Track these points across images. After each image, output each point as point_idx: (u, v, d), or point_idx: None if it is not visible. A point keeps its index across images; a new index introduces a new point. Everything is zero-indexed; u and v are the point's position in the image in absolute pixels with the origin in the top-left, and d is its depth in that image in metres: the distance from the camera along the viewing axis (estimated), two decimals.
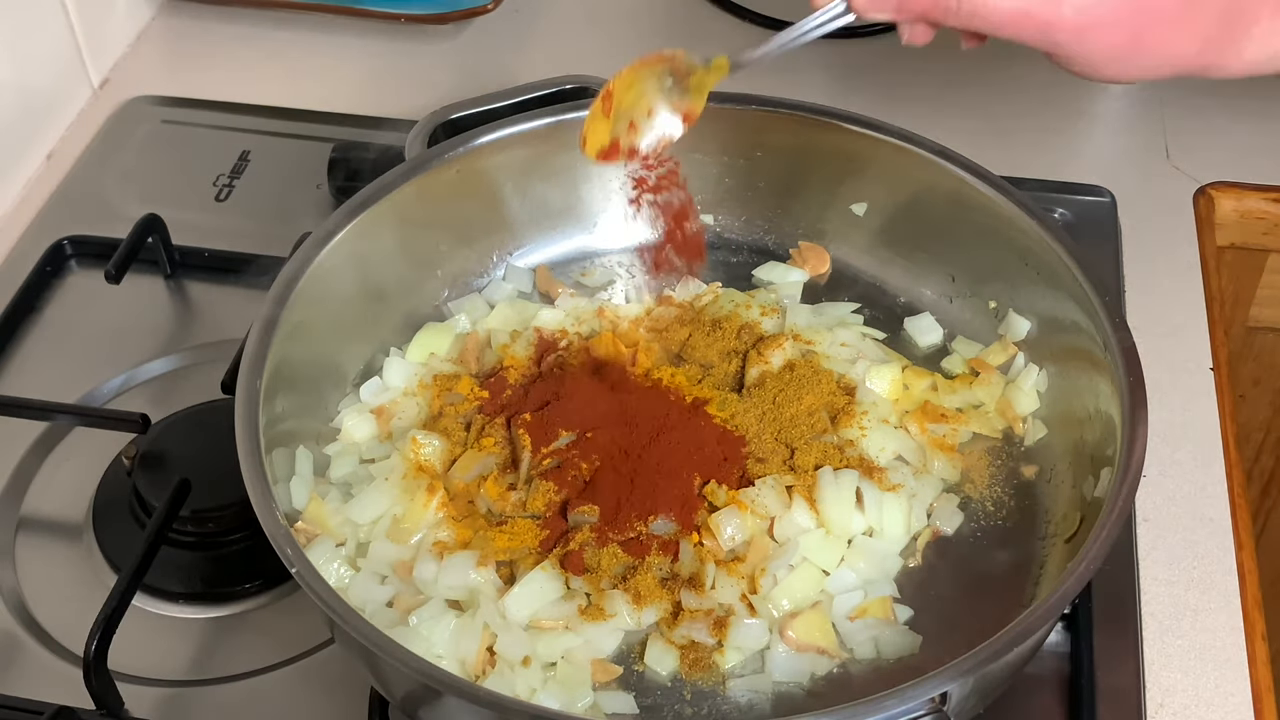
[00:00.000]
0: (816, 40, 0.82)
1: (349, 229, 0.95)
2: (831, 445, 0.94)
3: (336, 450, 0.95)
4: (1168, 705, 0.88)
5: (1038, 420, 0.97)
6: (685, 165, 1.06)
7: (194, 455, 0.96)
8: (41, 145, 1.27)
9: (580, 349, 1.01)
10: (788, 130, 1.04)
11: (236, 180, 1.23)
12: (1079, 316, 0.92)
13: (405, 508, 0.91)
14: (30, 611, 0.93)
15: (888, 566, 0.90)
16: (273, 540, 0.79)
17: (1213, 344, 1.09)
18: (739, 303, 1.04)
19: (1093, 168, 1.23)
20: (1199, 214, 1.19)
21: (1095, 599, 0.90)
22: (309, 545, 0.88)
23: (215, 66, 1.36)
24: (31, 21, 1.24)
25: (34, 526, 0.98)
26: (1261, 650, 0.91)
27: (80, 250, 1.15)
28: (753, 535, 0.90)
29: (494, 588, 0.87)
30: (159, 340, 1.10)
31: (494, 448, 0.94)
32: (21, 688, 0.87)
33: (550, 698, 0.83)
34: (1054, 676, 0.88)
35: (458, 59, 1.36)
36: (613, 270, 1.09)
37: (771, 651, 0.86)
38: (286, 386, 0.90)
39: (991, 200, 0.97)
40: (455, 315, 1.04)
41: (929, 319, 1.04)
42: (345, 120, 1.27)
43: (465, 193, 1.03)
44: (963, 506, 0.93)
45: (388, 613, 0.86)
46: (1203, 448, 1.02)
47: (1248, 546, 0.97)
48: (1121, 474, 0.81)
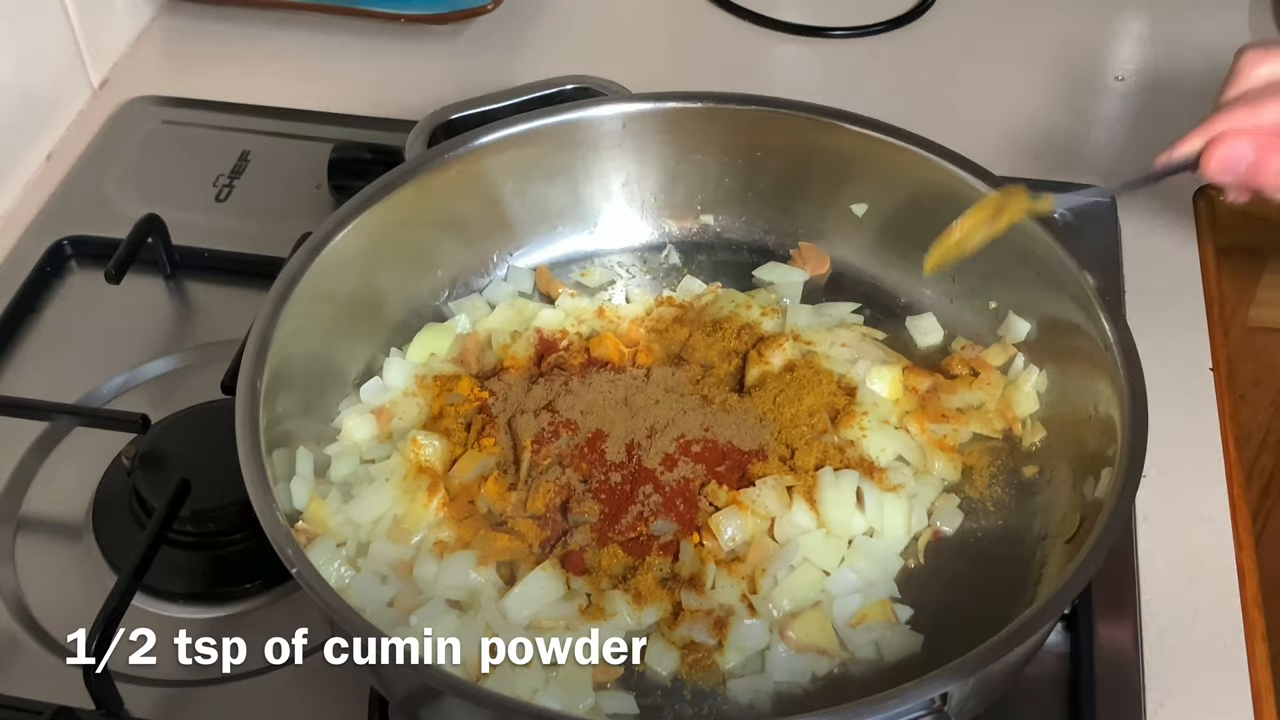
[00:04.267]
0: (817, 40, 0.82)
1: (349, 229, 0.95)
2: (832, 445, 0.94)
3: (337, 450, 0.95)
4: (1168, 705, 0.88)
5: (1038, 421, 0.97)
6: (685, 165, 1.07)
7: (194, 455, 0.96)
8: (41, 145, 1.27)
9: (580, 349, 1.01)
10: (788, 130, 1.04)
11: (236, 180, 1.23)
12: (1079, 317, 0.92)
13: (406, 508, 0.91)
14: (30, 611, 0.93)
15: (888, 567, 0.90)
16: (273, 540, 0.79)
17: (1213, 344, 1.09)
18: (739, 303, 1.04)
19: (1093, 168, 1.23)
20: (1199, 214, 1.19)
21: (1095, 599, 0.90)
22: (309, 545, 0.88)
23: (215, 66, 1.36)
24: (31, 22, 1.24)
25: (34, 526, 0.98)
26: (1261, 650, 0.91)
27: (80, 250, 1.15)
28: (753, 535, 0.90)
29: (494, 588, 0.87)
30: (159, 340, 1.10)
31: (494, 448, 0.94)
32: (21, 688, 0.87)
33: (551, 698, 0.83)
34: (1054, 676, 0.88)
35: (458, 59, 1.36)
36: (613, 270, 1.09)
37: (772, 652, 0.86)
38: (286, 386, 0.90)
39: None
40: (455, 315, 1.04)
41: (929, 319, 1.04)
42: (345, 120, 1.27)
43: (465, 193, 1.03)
44: (963, 507, 0.93)
45: (388, 613, 0.86)
46: (1203, 447, 1.02)
47: (1248, 546, 0.97)
48: (1121, 474, 0.81)
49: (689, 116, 1.05)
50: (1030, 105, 1.30)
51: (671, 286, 1.08)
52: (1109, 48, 1.39)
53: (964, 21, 1.40)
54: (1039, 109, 1.30)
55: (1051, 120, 1.29)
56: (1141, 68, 1.35)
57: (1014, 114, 1.30)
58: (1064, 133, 1.29)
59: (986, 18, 1.41)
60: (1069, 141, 1.28)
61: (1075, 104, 1.32)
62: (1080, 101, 1.32)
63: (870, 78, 1.33)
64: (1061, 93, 1.32)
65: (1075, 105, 1.32)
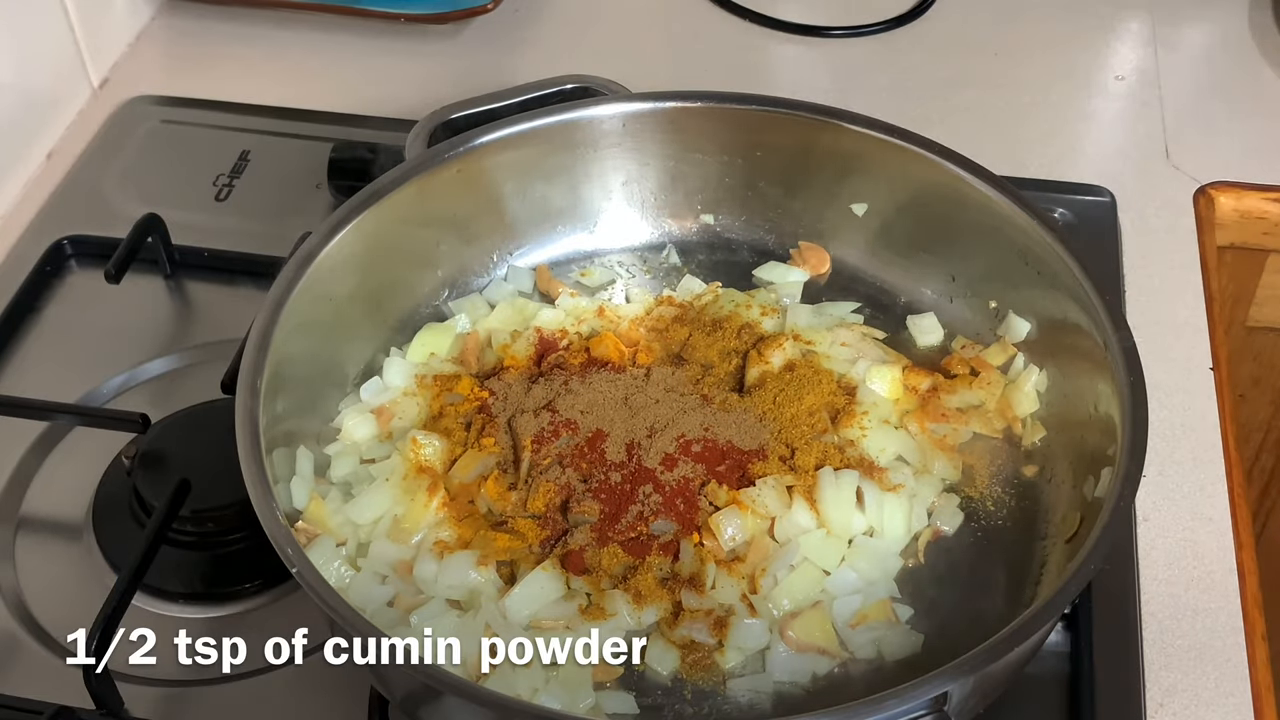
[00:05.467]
0: (817, 40, 0.82)
1: (349, 229, 0.95)
2: (832, 445, 0.94)
3: (337, 450, 0.95)
4: (1168, 705, 0.88)
5: (1038, 421, 0.97)
6: (685, 165, 1.07)
7: (194, 455, 0.96)
8: (41, 145, 1.27)
9: (580, 349, 1.01)
10: (788, 130, 1.04)
11: (236, 180, 1.23)
12: (1079, 316, 0.92)
13: (406, 508, 0.91)
14: (30, 611, 0.93)
15: (888, 566, 0.90)
16: (273, 540, 0.79)
17: (1213, 344, 1.09)
18: (739, 302, 1.04)
19: (1093, 168, 1.23)
20: (1199, 214, 1.19)
21: (1095, 599, 0.90)
22: (309, 545, 0.88)
23: (215, 66, 1.36)
24: (31, 21, 1.24)
25: (34, 526, 0.98)
26: (1261, 650, 0.91)
27: (80, 250, 1.15)
28: (753, 535, 0.90)
29: (494, 588, 0.87)
30: (159, 340, 1.10)
31: (494, 448, 0.94)
32: (21, 688, 0.87)
33: (551, 698, 0.83)
34: (1054, 676, 0.88)
35: (458, 59, 1.36)
36: (613, 270, 1.09)
37: (772, 651, 0.86)
38: (287, 386, 0.90)
39: (991, 200, 0.97)
40: (455, 315, 1.04)
41: (930, 319, 1.04)
42: (345, 120, 1.27)
43: (465, 193, 1.03)
44: (963, 506, 0.93)
45: (388, 612, 0.86)
46: (1203, 448, 1.02)
47: (1248, 546, 0.97)
48: (1121, 474, 0.81)
49: (689, 116, 1.05)
50: (1030, 105, 1.30)
51: (671, 286, 1.08)
52: (1109, 48, 1.39)
53: (964, 21, 1.40)
54: (1039, 109, 1.30)
55: (1051, 120, 1.29)
56: (1141, 68, 1.35)
57: (1014, 114, 1.30)
58: (1064, 133, 1.29)
59: (986, 18, 1.41)
60: (1069, 141, 1.28)
61: (1075, 104, 1.32)
62: (1080, 101, 1.32)
63: (870, 78, 1.33)
64: (1061, 93, 1.32)
65: (1075, 105, 1.32)
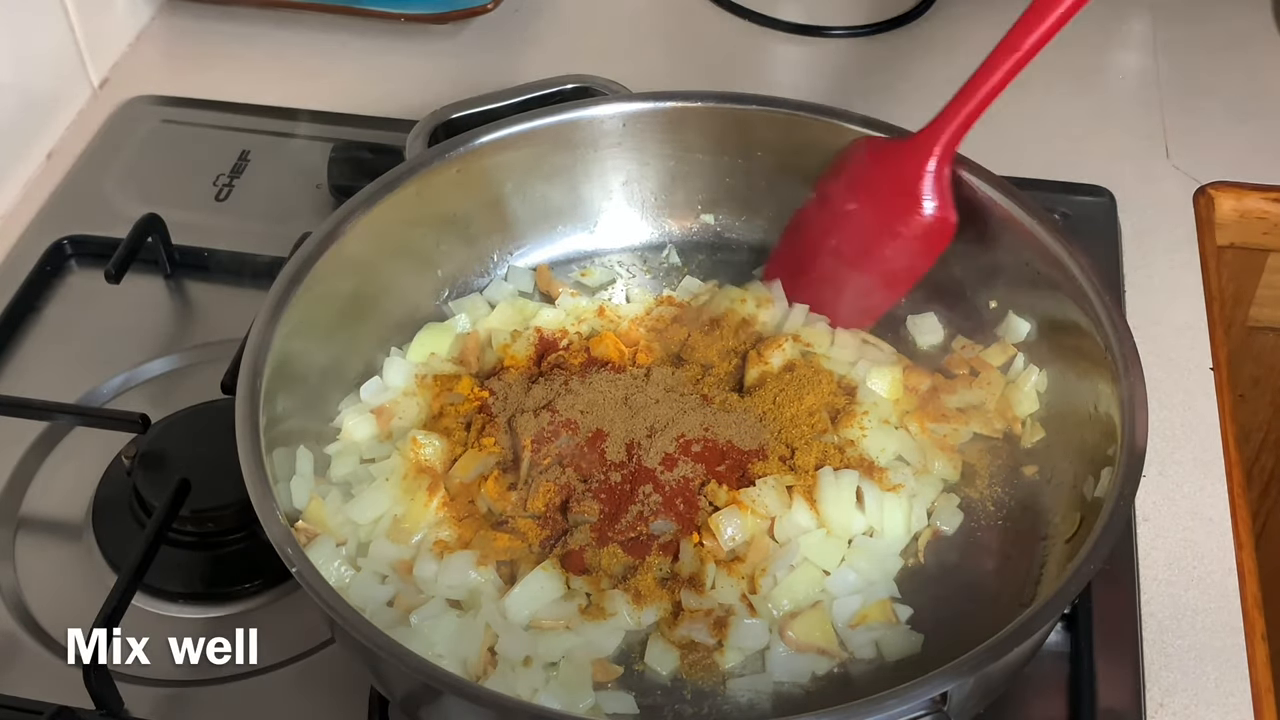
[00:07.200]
0: (817, 40, 0.82)
1: (349, 229, 0.95)
2: (832, 445, 0.94)
3: (337, 450, 0.95)
4: (1168, 705, 0.88)
5: (1038, 421, 0.97)
6: (685, 165, 1.07)
7: (194, 455, 0.96)
8: (41, 145, 1.27)
9: (580, 348, 1.01)
10: (788, 130, 1.04)
11: (236, 180, 1.23)
12: (1079, 317, 0.92)
13: (406, 508, 0.91)
14: (30, 611, 0.93)
15: (888, 566, 0.90)
16: (273, 540, 0.79)
17: (1213, 344, 1.09)
18: (734, 298, 1.04)
19: (1093, 168, 1.23)
20: (1199, 214, 1.19)
21: (1095, 599, 0.90)
22: (309, 545, 0.88)
23: (215, 66, 1.36)
24: (31, 22, 1.24)
25: (34, 526, 0.98)
26: (1261, 650, 0.91)
27: (80, 250, 1.15)
28: (753, 535, 0.90)
29: (494, 588, 0.87)
30: (159, 340, 1.10)
31: (494, 448, 0.94)
32: (21, 688, 0.87)
33: (551, 698, 0.83)
34: (1054, 676, 0.88)
35: (458, 59, 1.36)
36: (613, 270, 1.09)
37: (772, 651, 0.86)
38: (286, 386, 0.90)
39: (992, 200, 0.97)
40: (455, 315, 1.04)
41: (930, 319, 1.04)
42: (345, 120, 1.27)
43: (465, 192, 1.03)
44: (963, 506, 0.93)
45: (388, 612, 0.86)
46: (1203, 448, 1.02)
47: (1248, 546, 0.97)
48: (1121, 474, 0.81)
49: (689, 116, 1.05)
50: (1030, 105, 1.30)
51: (671, 286, 1.08)
52: (1109, 48, 1.39)
53: (964, 21, 1.40)
54: (1039, 109, 1.30)
55: (1051, 120, 1.29)
56: (1141, 68, 1.35)
57: (1014, 114, 1.29)
58: (1064, 133, 1.29)
59: (986, 17, 1.41)
60: (1069, 141, 1.28)
61: (1075, 104, 1.32)
62: (1080, 102, 1.32)
63: (870, 78, 1.33)
64: (1061, 93, 1.32)
65: (1075, 105, 1.32)
